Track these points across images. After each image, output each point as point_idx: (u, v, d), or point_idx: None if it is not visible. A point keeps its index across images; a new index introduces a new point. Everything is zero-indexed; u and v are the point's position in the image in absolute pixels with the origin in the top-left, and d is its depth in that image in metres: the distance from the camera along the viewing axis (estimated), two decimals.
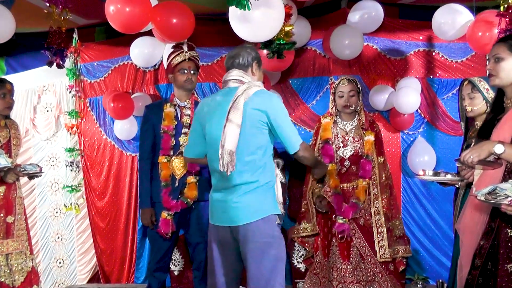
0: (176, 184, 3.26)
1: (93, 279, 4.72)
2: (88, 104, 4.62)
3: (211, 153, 2.46)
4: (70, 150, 4.53)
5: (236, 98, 2.36)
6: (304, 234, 3.27)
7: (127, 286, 4.51)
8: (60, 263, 4.76)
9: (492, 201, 1.80)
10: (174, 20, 3.35)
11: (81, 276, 4.72)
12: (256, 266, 2.37)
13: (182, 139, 3.28)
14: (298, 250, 3.92)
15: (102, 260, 4.63)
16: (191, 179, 3.26)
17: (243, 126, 2.35)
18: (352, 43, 4.00)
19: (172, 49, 3.34)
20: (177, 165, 3.28)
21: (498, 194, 1.79)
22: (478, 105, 2.72)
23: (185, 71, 3.26)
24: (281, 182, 2.53)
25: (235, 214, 2.40)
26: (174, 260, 4.08)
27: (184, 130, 3.29)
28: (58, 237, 4.76)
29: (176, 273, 4.10)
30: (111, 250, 4.61)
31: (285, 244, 2.49)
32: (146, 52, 4.05)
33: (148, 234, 3.48)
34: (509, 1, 3.23)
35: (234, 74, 2.47)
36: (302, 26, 4.04)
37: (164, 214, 3.22)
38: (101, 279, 4.64)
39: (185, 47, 3.30)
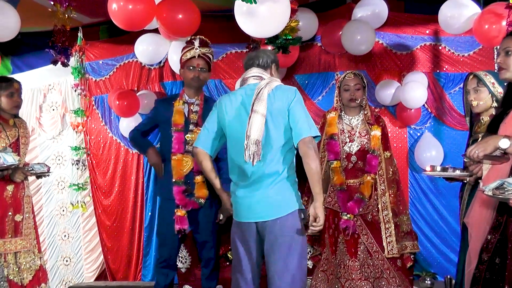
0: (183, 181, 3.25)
1: (100, 277, 4.74)
2: (93, 103, 4.63)
3: (234, 148, 2.46)
4: (76, 148, 4.54)
5: (260, 90, 2.40)
6: None
7: (134, 284, 4.52)
8: (67, 261, 4.78)
9: (500, 196, 1.79)
10: (180, 16, 3.34)
11: (88, 274, 4.74)
12: (283, 261, 2.36)
13: (189, 136, 3.26)
14: None
15: (109, 258, 4.64)
16: (199, 179, 3.24)
17: (268, 117, 2.37)
18: (364, 38, 3.97)
19: (186, 44, 3.32)
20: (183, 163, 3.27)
21: (506, 189, 1.78)
22: (483, 99, 2.68)
23: (193, 68, 3.25)
24: None
25: (262, 209, 2.39)
26: (181, 257, 4.08)
27: (191, 127, 3.27)
28: (65, 235, 4.77)
29: (183, 270, 4.10)
30: (118, 248, 4.62)
31: None
32: (151, 49, 4.05)
33: (157, 230, 3.47)
34: None
35: (254, 71, 2.51)
36: (309, 19, 4.02)
37: (180, 211, 3.21)
38: (108, 277, 4.65)
39: (196, 43, 3.25)
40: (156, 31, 3.93)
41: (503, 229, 2.08)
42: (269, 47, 3.30)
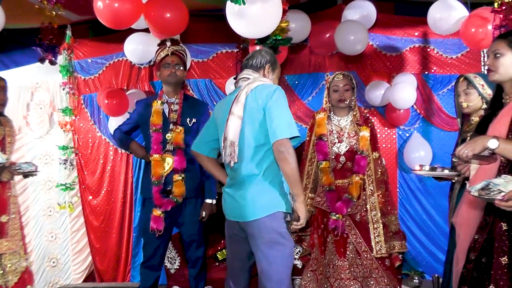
0: (163, 181, 3.27)
1: (88, 278, 4.69)
2: (82, 101, 4.59)
3: (221, 150, 2.50)
4: (64, 148, 4.49)
5: (239, 92, 2.43)
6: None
7: (122, 285, 4.49)
8: (54, 262, 4.73)
9: (486, 197, 1.80)
10: (168, 15, 3.32)
11: (76, 275, 4.69)
12: (264, 261, 2.38)
13: (169, 136, 3.27)
14: (295, 247, 3.91)
15: (97, 259, 4.60)
16: (176, 176, 3.26)
17: (245, 118, 2.38)
18: (358, 37, 3.99)
19: (158, 46, 3.37)
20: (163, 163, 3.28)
21: (491, 190, 1.79)
22: (473, 101, 2.73)
23: (168, 65, 3.29)
24: None
25: (242, 210, 2.41)
26: (170, 258, 4.06)
27: (171, 126, 3.28)
28: (52, 236, 4.72)
29: (172, 271, 4.08)
30: (106, 249, 4.58)
31: None
32: (140, 48, 4.03)
33: (142, 231, 3.47)
34: None
35: (244, 73, 2.54)
36: (302, 21, 4.03)
37: (156, 211, 3.21)
38: (96, 278, 4.61)
39: (168, 43, 3.32)
40: (147, 30, 3.91)
41: (490, 229, 2.10)
42: (258, 48, 3.30)
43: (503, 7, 3.25)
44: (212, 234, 4.02)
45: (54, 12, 3.36)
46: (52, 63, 3.57)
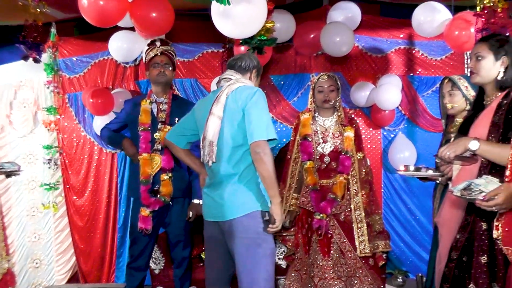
0: (151, 181, 3.27)
1: (72, 279, 4.64)
2: (67, 100, 4.54)
3: (201, 148, 2.51)
4: (48, 147, 4.44)
5: (220, 92, 2.45)
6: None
7: (106, 286, 4.45)
8: (37, 263, 4.66)
9: (467, 197, 1.82)
10: (153, 14, 3.31)
11: (59, 276, 4.64)
12: (242, 261, 2.39)
13: (157, 135, 3.27)
14: (279, 246, 3.92)
15: (81, 260, 4.56)
16: (164, 176, 3.26)
17: (224, 119, 2.41)
18: (344, 39, 4.01)
19: (147, 46, 3.38)
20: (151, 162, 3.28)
21: (473, 190, 1.81)
22: (458, 102, 2.77)
23: (157, 65, 3.30)
24: None
25: (220, 210, 2.43)
26: (155, 258, 4.04)
27: (160, 126, 3.29)
28: (35, 237, 4.66)
29: (156, 271, 4.06)
30: (90, 249, 4.54)
31: None
32: (125, 46, 4.00)
33: (129, 230, 3.46)
34: (485, 2, 3.29)
35: (227, 73, 2.56)
36: (287, 21, 4.04)
37: (144, 210, 3.20)
38: (80, 279, 4.57)
39: (157, 42, 3.34)
40: (133, 29, 3.89)
41: (471, 229, 2.13)
42: (242, 48, 3.31)
43: (485, 11, 3.30)
44: (197, 234, 4.01)
45: (38, 10, 3.33)
46: (36, 61, 3.54)
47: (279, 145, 4.32)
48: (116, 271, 4.53)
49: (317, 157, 3.23)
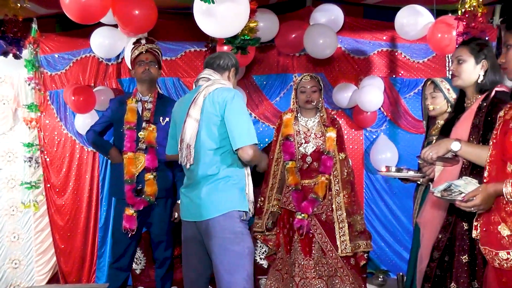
0: (135, 180, 3.25)
1: (52, 280, 4.58)
2: (48, 97, 4.48)
3: (179, 150, 2.53)
4: (29, 145, 4.37)
5: (197, 94, 2.45)
6: (258, 230, 3.30)
7: (87, 286, 4.41)
8: (16, 264, 4.58)
9: (447, 198, 1.85)
10: (136, 12, 3.30)
11: (39, 277, 4.57)
12: (219, 261, 2.40)
13: (142, 134, 3.25)
14: (260, 246, 3.93)
15: (62, 260, 4.50)
16: (148, 175, 3.25)
17: (202, 121, 2.42)
18: (328, 42, 4.03)
19: (133, 45, 3.38)
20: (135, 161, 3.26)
21: (453, 191, 1.84)
22: (439, 104, 2.81)
23: (142, 62, 3.30)
24: None
25: (197, 209, 2.45)
26: (136, 258, 4.01)
27: (144, 125, 3.27)
28: (14, 237, 4.57)
29: (138, 271, 4.03)
30: (71, 249, 4.48)
31: None
32: (107, 43, 3.96)
33: (112, 230, 3.43)
34: (466, 6, 3.35)
35: (205, 72, 2.56)
36: (270, 20, 4.03)
37: (129, 210, 3.18)
38: (60, 279, 4.51)
39: (143, 41, 3.34)
40: (116, 26, 3.85)
41: (453, 229, 2.18)
42: (225, 47, 3.31)
43: (466, 15, 3.36)
44: (178, 235, 4.00)
45: (18, 4, 3.27)
46: (16, 57, 3.48)
47: (261, 145, 4.32)
48: (96, 271, 4.48)
49: (299, 157, 3.24)
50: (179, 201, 3.30)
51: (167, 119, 3.31)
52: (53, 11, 4.13)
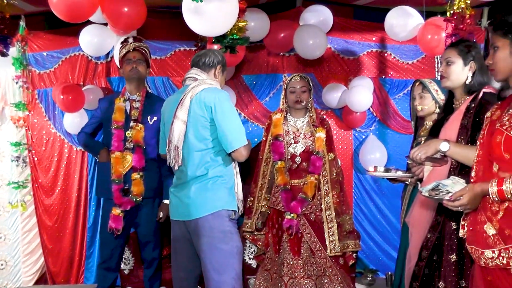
0: (122, 180, 3.24)
1: (40, 280, 4.54)
2: (36, 96, 4.44)
3: (167, 151, 2.53)
4: (16, 144, 4.32)
5: (184, 95, 2.45)
6: (247, 230, 3.30)
7: (76, 287, 4.37)
8: (2, 264, 4.53)
9: (435, 197, 1.86)
10: (125, 9, 3.28)
11: (26, 278, 4.52)
12: (208, 261, 2.40)
13: (129, 133, 3.23)
14: (249, 246, 3.92)
15: (50, 260, 4.46)
16: (135, 175, 3.23)
17: (189, 122, 2.42)
18: (317, 43, 4.05)
19: (120, 44, 3.37)
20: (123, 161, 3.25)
21: (440, 190, 1.85)
22: (428, 105, 2.82)
23: (130, 61, 3.29)
24: None
25: (186, 209, 2.45)
26: (124, 258, 3.99)
27: (132, 124, 3.26)
28: (1, 237, 4.52)
29: (126, 272, 4.01)
30: (59, 250, 4.45)
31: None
32: (96, 41, 3.94)
33: (100, 231, 3.41)
34: (455, 8, 3.38)
35: (192, 72, 2.56)
36: (260, 20, 4.04)
37: (116, 210, 3.16)
38: (48, 280, 4.47)
39: (130, 39, 3.34)
40: (106, 25, 3.83)
41: (441, 228, 2.20)
42: (215, 46, 3.30)
43: (455, 17, 3.39)
44: (167, 235, 3.99)
45: (5, 1, 3.22)
46: (3, 54, 3.45)
47: (251, 145, 4.32)
48: (85, 272, 4.45)
49: (288, 157, 3.25)
50: (164, 201, 3.30)
51: (155, 118, 3.30)
52: (41, 8, 4.10)
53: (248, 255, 3.96)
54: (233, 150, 2.41)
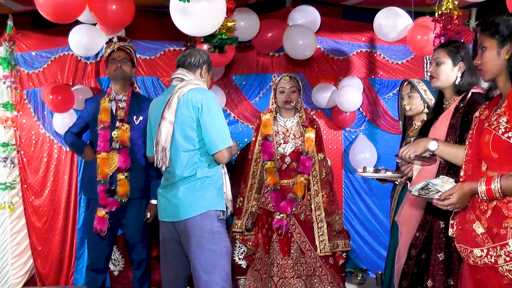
0: (108, 181, 3.22)
1: (29, 282, 4.49)
2: (25, 96, 4.41)
3: (154, 152, 2.53)
4: (5, 145, 4.28)
5: (171, 96, 2.45)
6: (237, 230, 3.30)
7: None
8: None
9: (425, 196, 1.87)
10: (113, 7, 3.25)
11: (15, 280, 4.47)
12: (197, 261, 2.41)
13: (115, 133, 3.22)
14: (239, 246, 3.93)
15: (39, 262, 4.43)
16: (120, 175, 3.22)
17: (176, 123, 2.43)
18: (307, 43, 4.05)
19: (105, 44, 3.36)
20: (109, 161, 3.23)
21: (430, 190, 1.86)
22: (416, 105, 2.84)
23: (115, 60, 3.28)
24: None
25: (174, 210, 2.46)
26: (114, 260, 3.97)
27: (117, 124, 3.25)
28: None
29: (116, 273, 3.99)
30: (49, 251, 4.42)
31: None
32: (85, 41, 3.91)
33: (87, 233, 3.39)
34: (443, 9, 3.41)
35: (178, 72, 2.56)
36: (250, 20, 4.03)
37: (100, 211, 3.15)
38: (37, 282, 4.43)
39: (114, 39, 3.35)
40: (95, 24, 3.81)
41: (430, 227, 2.22)
42: (204, 46, 3.30)
43: (443, 17, 3.43)
44: (156, 235, 3.97)
45: None
46: None
47: (241, 145, 4.33)
48: (75, 273, 4.42)
49: (278, 157, 3.25)
50: (151, 201, 3.28)
51: (141, 118, 3.29)
52: (29, 8, 4.06)
53: (238, 256, 3.96)
54: (217, 151, 2.41)
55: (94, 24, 3.83)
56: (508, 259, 1.64)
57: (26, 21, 4.36)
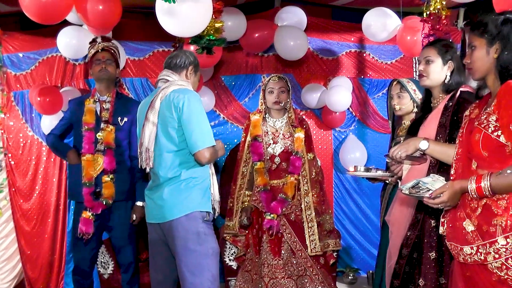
0: (94, 183, 3.19)
1: (18, 287, 4.45)
2: (12, 98, 4.35)
3: (138, 154, 2.55)
4: None
5: (155, 97, 2.46)
6: (230, 232, 3.29)
7: None
8: None
9: (415, 195, 1.88)
10: (100, 7, 3.22)
11: (3, 285, 4.42)
12: (183, 263, 2.41)
13: (100, 135, 3.19)
14: (229, 247, 3.91)
15: (28, 266, 4.37)
16: (105, 177, 3.19)
17: (159, 124, 2.43)
18: (298, 44, 4.05)
19: (89, 45, 3.34)
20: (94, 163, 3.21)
21: (420, 188, 1.87)
22: (405, 104, 2.85)
23: (99, 61, 3.26)
24: None
25: (160, 211, 2.46)
26: (104, 262, 3.94)
27: (103, 125, 3.22)
28: None
29: (106, 276, 3.96)
30: (38, 255, 4.36)
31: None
32: (74, 42, 3.87)
33: (71, 236, 3.36)
34: (431, 9, 3.44)
35: (163, 74, 2.56)
36: (238, 20, 4.01)
37: (86, 213, 3.12)
38: (27, 286, 4.38)
39: (98, 39, 3.32)
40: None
41: (421, 226, 2.23)
42: (192, 47, 3.28)
43: (431, 17, 3.45)
44: (144, 238, 3.95)
45: None
46: None
47: (230, 146, 4.32)
48: (65, 277, 4.36)
49: (268, 157, 3.25)
50: (137, 203, 3.26)
51: (126, 119, 3.27)
52: (16, 8, 4.01)
53: (228, 257, 3.94)
54: (196, 150, 2.39)
55: (82, 25, 3.79)
56: (497, 256, 1.65)
57: (13, 22, 4.32)
